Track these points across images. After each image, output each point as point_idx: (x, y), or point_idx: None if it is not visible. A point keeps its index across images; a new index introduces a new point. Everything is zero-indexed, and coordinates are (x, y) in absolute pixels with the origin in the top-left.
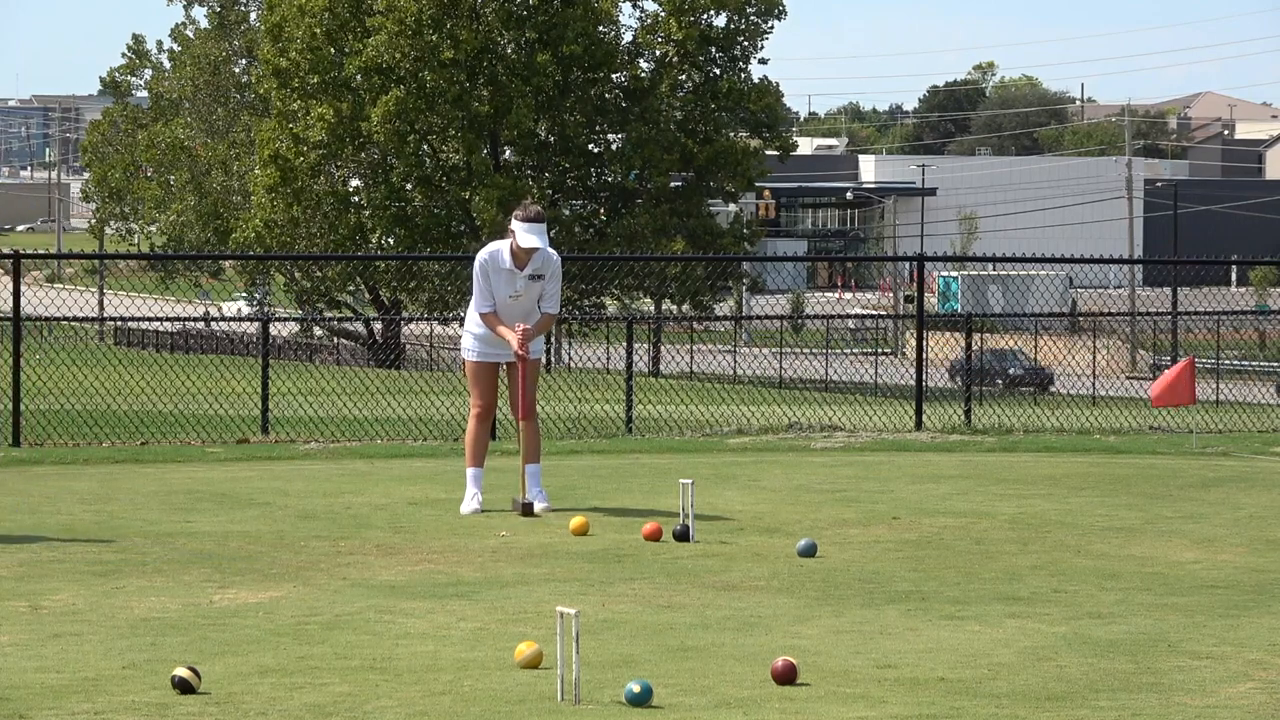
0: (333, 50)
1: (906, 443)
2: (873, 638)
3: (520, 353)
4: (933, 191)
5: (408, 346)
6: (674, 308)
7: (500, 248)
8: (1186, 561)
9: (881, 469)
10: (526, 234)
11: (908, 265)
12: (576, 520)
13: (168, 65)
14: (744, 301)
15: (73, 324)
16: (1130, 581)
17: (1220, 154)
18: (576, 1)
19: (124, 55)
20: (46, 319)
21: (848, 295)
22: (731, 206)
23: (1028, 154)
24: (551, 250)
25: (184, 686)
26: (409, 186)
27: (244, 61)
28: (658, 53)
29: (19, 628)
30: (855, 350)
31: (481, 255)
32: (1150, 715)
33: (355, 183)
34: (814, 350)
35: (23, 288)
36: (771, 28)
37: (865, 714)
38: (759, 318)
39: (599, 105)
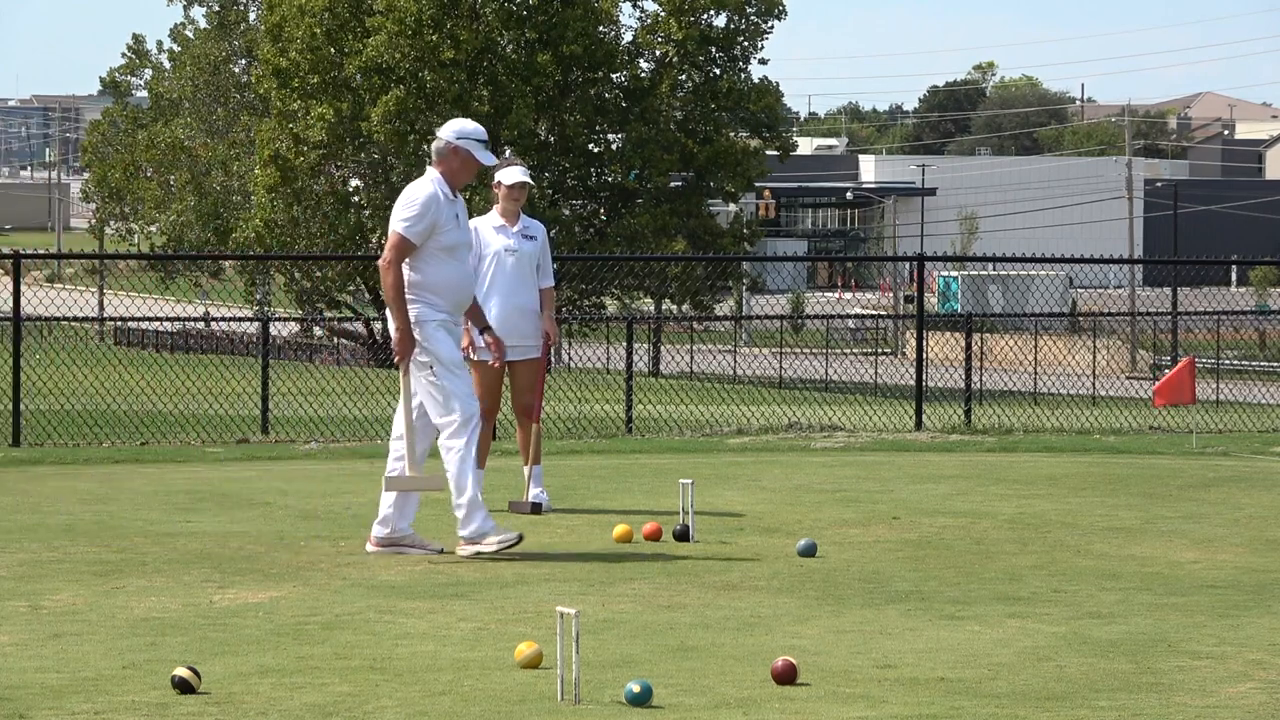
0: (333, 50)
1: (906, 443)
2: (873, 638)
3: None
4: (933, 191)
5: None
6: (674, 308)
7: (489, 214)
8: (1186, 561)
9: (881, 469)
10: (510, 172)
11: (908, 265)
12: (619, 529)
13: (168, 65)
14: (744, 301)
15: (73, 324)
16: (1130, 581)
17: (1220, 154)
18: (576, 1)
19: (124, 55)
20: (47, 319)
21: (848, 295)
22: (731, 206)
23: (1028, 154)
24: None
25: (184, 686)
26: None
27: (244, 61)
28: (658, 53)
29: (19, 628)
30: (855, 350)
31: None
32: (1150, 715)
33: (355, 183)
34: (814, 350)
35: (23, 288)
36: (771, 28)
37: (865, 714)
38: (759, 318)
39: (599, 105)
